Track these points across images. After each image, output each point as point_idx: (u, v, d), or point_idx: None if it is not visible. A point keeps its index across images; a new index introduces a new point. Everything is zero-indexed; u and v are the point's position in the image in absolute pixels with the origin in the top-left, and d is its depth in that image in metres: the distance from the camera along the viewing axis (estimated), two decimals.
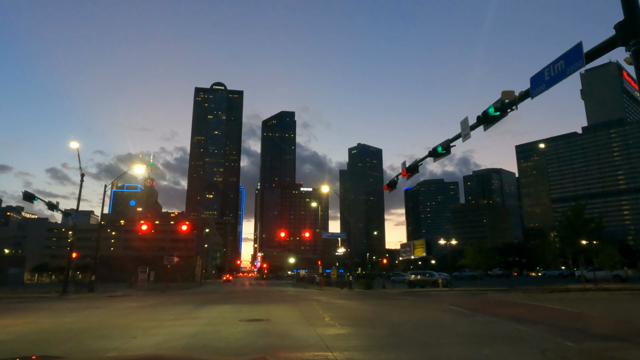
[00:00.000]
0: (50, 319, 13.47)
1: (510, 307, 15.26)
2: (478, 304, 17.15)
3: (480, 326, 10.10)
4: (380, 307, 16.54)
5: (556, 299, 18.64)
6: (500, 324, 10.50)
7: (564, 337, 8.19)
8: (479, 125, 12.67)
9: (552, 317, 12.15)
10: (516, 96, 11.28)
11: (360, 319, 12.46)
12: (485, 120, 12.17)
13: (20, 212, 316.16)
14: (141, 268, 52.93)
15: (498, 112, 11.78)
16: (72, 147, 31.62)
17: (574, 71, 9.34)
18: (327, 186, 45.25)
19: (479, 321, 11.12)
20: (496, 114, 11.79)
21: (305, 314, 13.71)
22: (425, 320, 11.83)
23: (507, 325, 9.99)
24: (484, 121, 12.22)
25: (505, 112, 11.80)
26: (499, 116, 11.92)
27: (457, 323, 10.89)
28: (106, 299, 26.96)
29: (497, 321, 10.96)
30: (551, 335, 8.52)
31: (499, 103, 11.79)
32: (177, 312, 15.33)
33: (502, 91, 11.38)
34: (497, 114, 11.84)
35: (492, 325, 10.27)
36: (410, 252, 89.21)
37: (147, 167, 46.85)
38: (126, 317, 13.95)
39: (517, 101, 11.30)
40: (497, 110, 11.83)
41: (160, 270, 70.77)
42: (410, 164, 19.04)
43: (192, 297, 26.87)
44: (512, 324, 10.24)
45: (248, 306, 17.77)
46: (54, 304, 21.65)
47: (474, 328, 9.80)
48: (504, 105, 11.72)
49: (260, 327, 10.47)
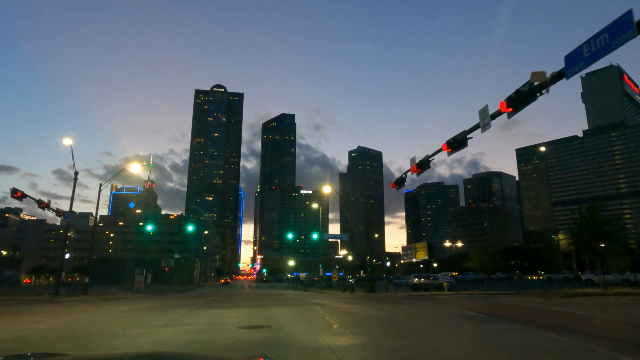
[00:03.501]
0: (27, 325, 12.22)
1: (534, 313, 13.96)
2: (496, 309, 15.88)
3: (512, 336, 8.85)
4: (390, 312, 15.26)
5: (578, 304, 17.36)
6: (533, 333, 9.25)
7: (617, 350, 6.97)
8: (505, 111, 11.41)
9: (588, 325, 10.90)
10: (547, 78, 10.11)
11: (371, 326, 11.20)
12: (514, 102, 10.94)
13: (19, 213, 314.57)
14: (138, 270, 51.74)
15: (526, 95, 10.61)
16: (65, 144, 30.39)
17: (621, 44, 8.16)
18: (329, 186, 43.98)
19: (508, 330, 9.86)
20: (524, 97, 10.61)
21: (310, 319, 12.46)
22: (447, 328, 10.58)
23: (543, 335, 8.74)
24: (514, 104, 10.97)
25: (534, 96, 10.62)
26: (528, 100, 10.74)
27: (483, 332, 9.63)
28: (99, 301, 25.73)
29: (529, 330, 9.71)
30: (601, 347, 7.30)
31: (527, 86, 10.62)
32: (170, 317, 14.08)
33: (532, 72, 10.20)
34: (525, 97, 10.67)
35: (525, 335, 9.02)
36: (412, 255, 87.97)
37: (142, 165, 45.94)
38: (113, 322, 12.70)
39: (548, 83, 10.12)
40: (525, 93, 10.66)
41: (159, 272, 69.64)
42: (422, 159, 17.80)
43: (189, 300, 25.63)
44: (547, 333, 9.00)
45: (247, 310, 16.52)
46: (42, 307, 20.42)
47: (506, 339, 8.54)
48: (532, 89, 10.54)
49: (260, 335, 9.26)
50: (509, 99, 11.09)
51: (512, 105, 11.15)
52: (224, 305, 20.50)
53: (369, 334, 9.43)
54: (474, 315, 12.80)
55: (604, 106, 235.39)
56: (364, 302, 21.70)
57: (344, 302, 21.67)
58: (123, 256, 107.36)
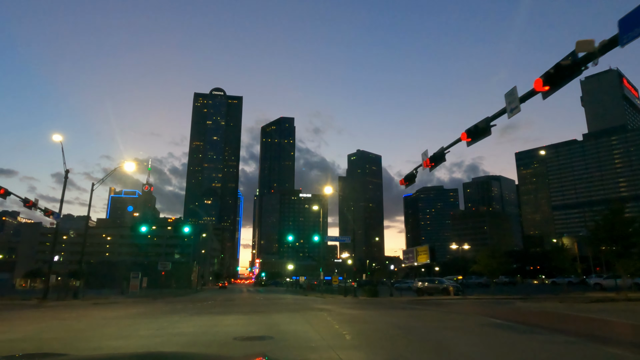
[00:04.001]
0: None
1: (569, 321, 12.36)
2: (523, 315, 14.31)
3: (567, 352, 7.32)
4: (405, 319, 13.69)
5: (608, 310, 15.85)
6: (585, 346, 7.75)
7: None
8: (540, 90, 9.93)
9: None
10: (596, 48, 8.67)
11: (390, 337, 9.56)
12: (553, 79, 9.48)
13: (17, 216, 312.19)
14: (133, 273, 50.44)
15: (569, 69, 9.18)
16: (55, 140, 28.95)
17: None
18: (330, 187, 42.52)
19: (555, 342, 8.29)
20: (566, 71, 9.17)
21: (317, 328, 10.94)
22: (482, 340, 8.93)
23: (601, 350, 7.26)
24: (553, 81, 9.51)
25: (578, 70, 9.19)
26: (570, 75, 9.31)
27: (528, 345, 8.03)
28: (88, 306, 24.17)
29: (577, 342, 8.21)
30: None
31: (570, 59, 9.18)
32: (158, 324, 12.54)
33: (577, 41, 8.76)
34: (567, 72, 9.24)
35: (580, 349, 7.50)
36: (413, 259, 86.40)
37: (137, 163, 45.15)
38: (91, 331, 11.15)
39: (597, 54, 8.70)
40: (567, 67, 9.23)
41: (156, 276, 68.04)
42: (436, 152, 16.34)
43: (184, 305, 24.06)
44: (602, 346, 7.53)
45: (245, 317, 14.94)
46: (24, 312, 18.87)
47: (564, 356, 7.03)
48: (576, 61, 9.10)
49: (261, 348, 7.75)
50: (547, 75, 9.62)
51: (550, 82, 9.68)
52: (220, 311, 18.95)
53: (391, 347, 7.91)
54: (504, 324, 11.27)
55: (604, 110, 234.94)
56: (370, 308, 20.19)
57: (349, 308, 20.15)
58: (120, 259, 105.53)
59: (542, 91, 10.05)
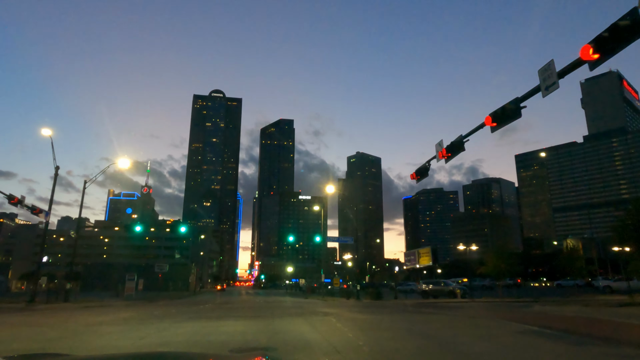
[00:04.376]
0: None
1: (611, 328, 10.82)
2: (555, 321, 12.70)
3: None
4: (424, 325, 12.15)
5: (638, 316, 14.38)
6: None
7: None
8: (588, 59, 8.44)
9: None
10: None
11: (419, 351, 7.88)
12: (606, 44, 8.03)
13: (14, 218, 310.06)
14: (129, 275, 48.77)
15: (629, 31, 7.75)
16: (44, 135, 27.51)
17: None
18: (332, 186, 41.07)
19: (617, 356, 6.86)
20: (626, 33, 7.74)
21: (327, 336, 9.43)
22: (533, 354, 7.50)
23: None
24: (607, 47, 8.05)
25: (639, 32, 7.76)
26: (629, 38, 7.85)
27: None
28: (76, 310, 22.69)
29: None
30: None
31: (628, 19, 7.74)
32: (143, 332, 11.03)
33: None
34: (626, 34, 7.81)
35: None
36: (415, 261, 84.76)
37: (130, 161, 44.16)
38: (65, 340, 9.63)
39: None
40: (626, 29, 7.80)
41: (153, 278, 66.49)
42: (454, 140, 14.88)
43: (178, 309, 22.56)
44: None
45: (244, 323, 13.43)
46: (3, 315, 17.40)
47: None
48: (636, 21, 7.67)
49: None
50: (598, 40, 8.16)
51: (601, 49, 8.23)
52: (217, 315, 17.42)
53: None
54: (545, 332, 9.74)
55: (604, 112, 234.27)
56: (378, 311, 18.72)
57: (356, 312, 18.66)
58: (116, 262, 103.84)
59: (589, 60, 8.61)
